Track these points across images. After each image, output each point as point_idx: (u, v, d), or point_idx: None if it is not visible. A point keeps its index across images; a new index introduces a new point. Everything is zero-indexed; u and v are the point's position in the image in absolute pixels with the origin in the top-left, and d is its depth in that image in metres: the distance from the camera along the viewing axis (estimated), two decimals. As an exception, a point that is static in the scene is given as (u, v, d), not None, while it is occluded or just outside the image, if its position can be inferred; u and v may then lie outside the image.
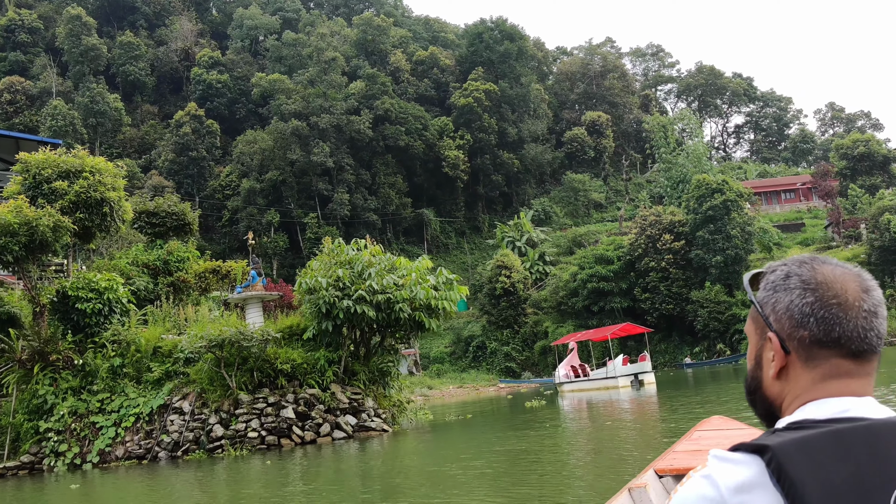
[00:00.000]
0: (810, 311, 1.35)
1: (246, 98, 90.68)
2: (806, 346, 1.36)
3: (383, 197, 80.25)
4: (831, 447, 1.22)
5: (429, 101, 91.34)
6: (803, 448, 1.23)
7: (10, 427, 20.44)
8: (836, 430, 1.24)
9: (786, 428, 1.31)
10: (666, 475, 4.02)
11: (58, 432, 20.08)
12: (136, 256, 26.86)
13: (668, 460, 4.19)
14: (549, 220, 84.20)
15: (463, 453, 15.24)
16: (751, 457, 1.26)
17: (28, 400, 20.45)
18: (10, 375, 20.95)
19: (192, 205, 78.54)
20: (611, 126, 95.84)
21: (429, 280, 20.84)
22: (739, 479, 1.24)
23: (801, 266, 1.41)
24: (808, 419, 1.31)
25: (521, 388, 51.74)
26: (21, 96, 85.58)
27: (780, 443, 1.24)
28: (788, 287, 1.39)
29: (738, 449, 1.28)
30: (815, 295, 1.35)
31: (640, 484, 3.82)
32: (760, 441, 1.26)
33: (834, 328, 1.34)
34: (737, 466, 1.26)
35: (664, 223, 57.95)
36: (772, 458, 1.22)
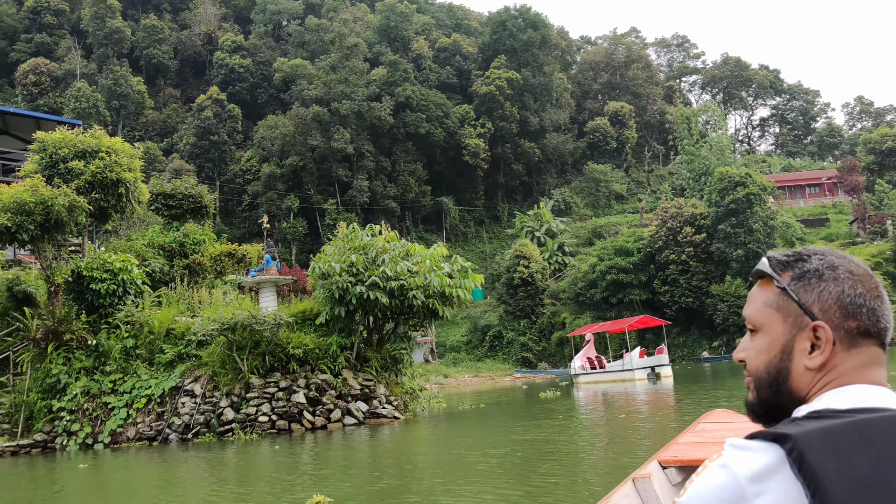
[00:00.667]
0: (863, 301, 1.35)
1: (268, 83, 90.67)
2: (852, 336, 1.35)
3: (403, 184, 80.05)
4: (854, 437, 1.20)
5: (450, 88, 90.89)
6: (826, 438, 1.20)
7: (24, 405, 20.52)
8: (859, 421, 1.23)
9: (806, 417, 1.29)
10: (670, 466, 4.02)
11: (70, 412, 20.14)
12: (152, 238, 26.86)
13: (671, 452, 4.18)
14: (569, 211, 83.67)
15: (475, 442, 15.06)
16: (770, 445, 1.23)
17: (42, 379, 20.52)
18: (25, 354, 21.02)
19: (213, 189, 79.08)
20: (634, 117, 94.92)
21: (443, 267, 20.62)
22: (757, 467, 1.22)
23: (838, 258, 1.40)
24: (829, 409, 1.29)
25: (536, 378, 51.53)
26: (46, 78, 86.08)
27: (802, 432, 1.21)
28: (838, 277, 1.37)
29: (755, 437, 1.26)
30: (864, 286, 1.36)
31: (643, 475, 3.82)
32: (780, 430, 1.24)
33: (881, 318, 1.36)
34: (755, 455, 1.23)
35: (685, 216, 57.38)
36: (793, 447, 1.20)
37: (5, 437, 20.43)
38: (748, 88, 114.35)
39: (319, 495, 7.71)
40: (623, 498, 3.60)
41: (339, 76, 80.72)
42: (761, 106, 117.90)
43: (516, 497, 8.51)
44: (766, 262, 1.46)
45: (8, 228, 19.43)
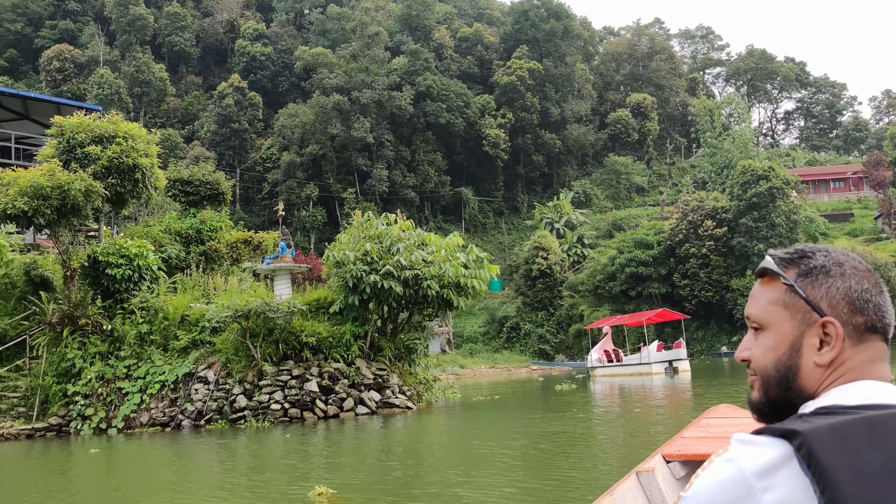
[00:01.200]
0: (869, 297, 1.36)
1: (289, 71, 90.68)
2: (860, 331, 1.36)
3: (422, 174, 79.87)
4: (864, 434, 1.20)
5: (471, 78, 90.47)
6: (836, 434, 1.20)
7: (39, 389, 20.62)
8: (869, 417, 1.22)
9: (813, 413, 1.29)
10: (673, 460, 4.04)
11: (85, 396, 20.21)
12: (168, 224, 26.88)
13: (675, 446, 4.18)
14: (589, 203, 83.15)
15: (488, 433, 14.91)
16: (777, 441, 1.23)
17: (57, 363, 20.60)
18: (41, 338, 21.12)
19: (233, 177, 79.33)
20: (656, 109, 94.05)
21: (459, 257, 20.45)
22: (765, 462, 1.21)
23: (843, 255, 1.41)
24: (837, 405, 1.29)
25: (552, 370, 51.31)
26: (69, 64, 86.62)
27: (811, 428, 1.21)
28: (844, 273, 1.38)
29: (762, 433, 1.25)
30: (870, 282, 1.38)
31: (647, 468, 3.82)
32: (788, 426, 1.24)
33: (886, 314, 1.37)
34: (762, 450, 1.23)
35: (706, 209, 56.76)
36: (803, 443, 1.19)
37: (21, 420, 20.55)
38: (773, 81, 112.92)
39: (322, 486, 7.59)
40: (627, 491, 3.59)
41: (359, 65, 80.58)
42: (786, 99, 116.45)
43: (530, 488, 8.34)
44: (770, 260, 1.45)
45: (25, 212, 19.47)
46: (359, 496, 7.62)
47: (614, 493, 3.50)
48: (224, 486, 10.21)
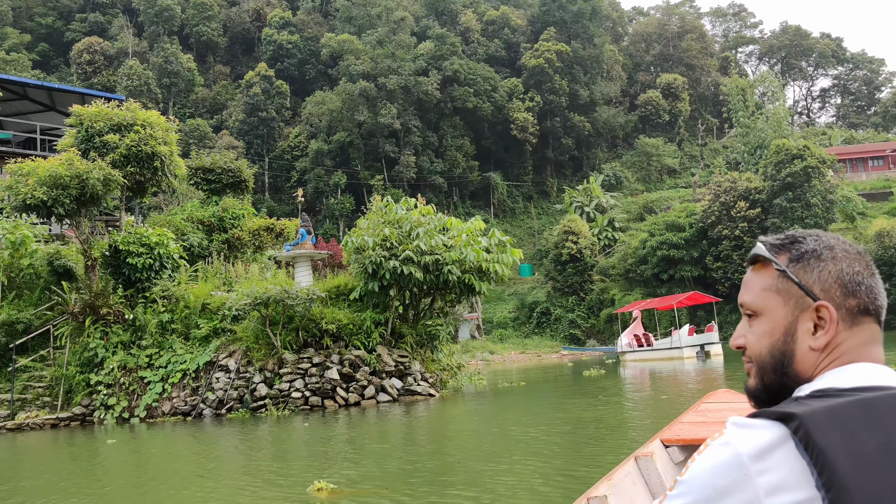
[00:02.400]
0: (861, 279, 1.37)
1: (315, 59, 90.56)
2: (853, 314, 1.37)
3: (450, 159, 79.40)
4: (861, 416, 1.21)
5: (498, 61, 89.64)
6: (832, 416, 1.21)
7: (63, 379, 20.64)
8: (865, 399, 1.24)
9: (809, 396, 1.30)
10: (672, 445, 4.07)
11: (107, 386, 20.18)
12: (191, 213, 26.78)
13: (674, 431, 4.21)
14: (619, 186, 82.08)
15: (510, 421, 14.54)
16: (773, 423, 1.24)
17: (80, 353, 20.59)
18: (64, 328, 21.13)
19: (261, 165, 79.52)
20: (687, 89, 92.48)
21: (480, 242, 20.03)
22: (761, 445, 1.22)
23: (833, 239, 1.41)
24: (833, 388, 1.30)
25: (583, 355, 50.76)
26: (99, 56, 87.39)
27: (808, 411, 1.22)
28: (836, 257, 1.39)
29: (758, 416, 1.27)
30: (861, 265, 1.38)
31: (646, 453, 3.85)
32: (784, 409, 1.25)
33: (878, 296, 1.38)
34: (758, 433, 1.24)
35: (739, 190, 55.63)
36: (799, 425, 1.21)
37: (46, 409, 20.60)
38: (808, 58, 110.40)
39: (322, 481, 7.28)
40: (625, 476, 3.62)
41: (385, 51, 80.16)
42: (822, 76, 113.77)
43: (550, 474, 7.96)
44: (762, 246, 1.45)
45: (44, 202, 19.41)
46: (359, 490, 7.29)
47: (613, 477, 3.51)
48: (248, 475, 9.96)
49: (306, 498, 7.05)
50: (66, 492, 9.37)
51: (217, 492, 8.43)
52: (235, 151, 72.92)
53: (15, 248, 22.89)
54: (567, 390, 22.71)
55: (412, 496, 7.10)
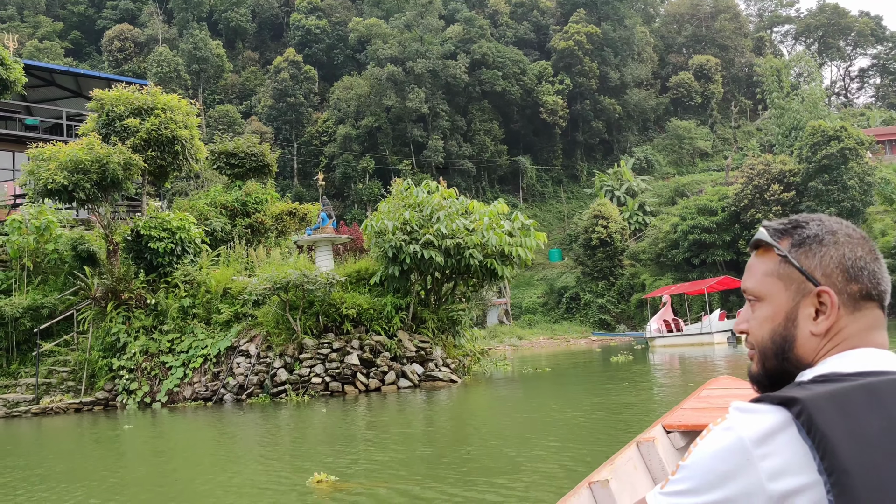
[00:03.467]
0: (863, 264, 1.36)
1: (343, 44, 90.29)
2: (855, 299, 1.36)
3: (478, 144, 78.79)
4: (863, 400, 1.21)
5: (527, 44, 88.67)
6: (835, 401, 1.21)
7: (86, 363, 20.68)
8: (868, 384, 1.24)
9: (812, 381, 1.30)
10: (673, 430, 4.10)
11: (129, 370, 20.18)
12: (214, 197, 26.68)
13: (675, 416, 4.23)
14: (650, 169, 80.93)
15: (527, 408, 14.21)
16: (775, 408, 1.24)
17: (102, 337, 20.61)
18: (87, 312, 21.16)
19: (290, 151, 79.61)
20: (720, 70, 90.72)
21: (503, 225, 19.63)
22: (763, 430, 1.22)
23: (837, 222, 1.40)
24: (836, 372, 1.30)
25: (612, 341, 50.19)
26: (130, 44, 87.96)
27: (810, 395, 1.22)
28: (838, 242, 1.37)
29: (761, 401, 1.27)
30: (864, 249, 1.37)
31: (648, 438, 3.88)
32: (787, 393, 1.25)
33: (881, 281, 1.37)
34: (760, 417, 1.24)
35: (773, 172, 54.45)
36: (802, 409, 1.21)
37: (70, 394, 20.67)
38: (846, 37, 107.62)
39: (322, 472, 7.00)
40: (627, 461, 3.64)
41: (413, 34, 79.62)
42: (861, 56, 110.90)
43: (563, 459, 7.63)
44: (764, 231, 1.44)
45: (65, 187, 19.39)
46: (359, 484, 7.00)
47: (615, 462, 3.53)
48: (266, 462, 9.76)
49: (304, 490, 6.78)
50: (81, 477, 9.23)
51: (213, 480, 8.21)
52: (264, 137, 73.10)
53: (40, 233, 22.96)
54: (592, 376, 22.31)
55: (421, 486, 6.80)
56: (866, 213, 51.81)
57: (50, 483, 8.78)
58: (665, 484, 1.33)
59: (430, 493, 6.56)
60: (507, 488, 6.62)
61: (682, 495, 1.26)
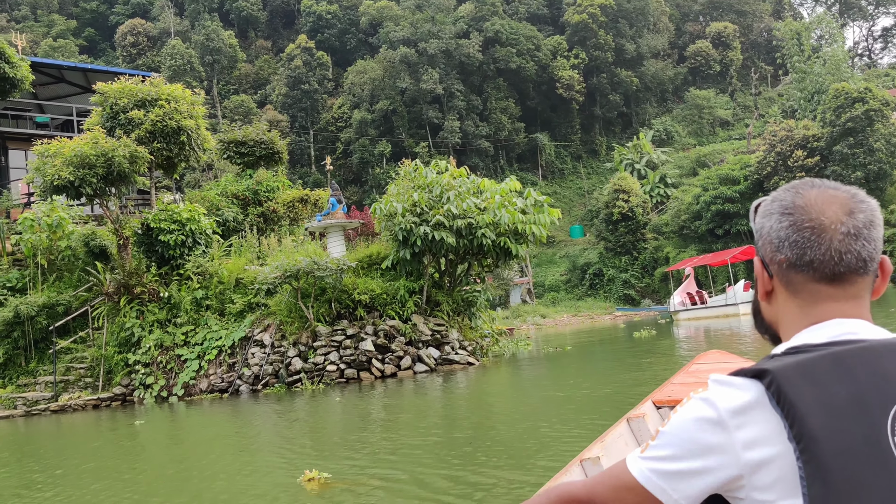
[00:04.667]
0: (785, 235, 1.39)
1: (355, 28, 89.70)
2: (784, 270, 1.40)
3: (495, 122, 78.03)
4: (831, 369, 1.25)
5: (541, 19, 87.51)
6: (803, 371, 1.25)
7: (102, 359, 20.60)
8: (836, 353, 1.27)
9: (784, 353, 1.34)
10: (663, 406, 4.16)
11: (145, 365, 20.06)
12: (225, 187, 26.44)
13: (665, 392, 4.27)
14: (670, 141, 79.76)
15: (539, 389, 13.85)
16: (750, 381, 1.29)
17: (117, 332, 20.50)
18: (101, 308, 21.06)
19: (306, 138, 79.38)
20: (738, 37, 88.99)
21: (515, 203, 19.16)
22: (739, 401, 1.27)
23: (786, 192, 1.42)
24: (806, 343, 1.34)
25: (636, 316, 49.60)
26: (143, 38, 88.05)
27: (779, 366, 1.27)
28: (771, 212, 1.42)
29: (737, 374, 1.32)
30: (791, 219, 1.38)
31: (638, 414, 3.93)
32: (759, 366, 1.30)
33: (806, 252, 1.36)
34: (736, 390, 1.29)
35: (796, 138, 53.30)
36: (772, 381, 1.25)
37: (88, 390, 20.62)
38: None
39: (314, 470, 6.67)
40: (618, 437, 3.68)
41: (425, 15, 78.86)
42: (883, 14, 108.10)
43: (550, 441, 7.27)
44: (754, 204, 1.51)
45: (71, 182, 19.21)
46: (354, 482, 6.65)
47: (605, 439, 3.56)
48: (287, 456, 9.49)
49: (294, 490, 6.45)
50: (92, 476, 9.02)
51: (201, 476, 7.94)
52: (280, 125, 72.87)
53: (52, 230, 22.88)
54: (614, 354, 21.88)
55: (433, 470, 6.46)
56: (894, 176, 50.60)
57: (79, 481, 8.58)
58: (645, 448, 1.37)
59: (441, 481, 6.22)
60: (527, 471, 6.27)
61: (661, 461, 1.32)
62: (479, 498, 5.72)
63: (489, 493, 5.82)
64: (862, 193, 1.41)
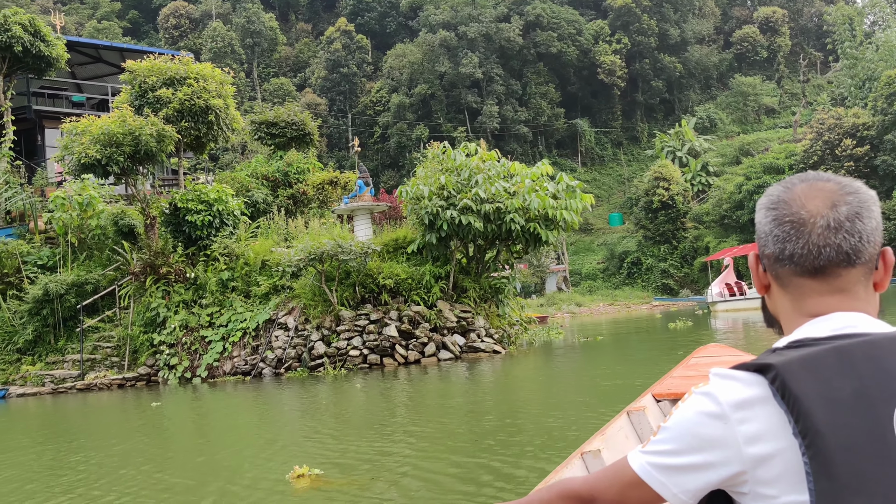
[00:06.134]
0: (769, 229, 1.39)
1: (395, 11, 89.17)
2: (772, 264, 1.40)
3: (534, 108, 77.04)
4: (835, 363, 1.23)
5: (583, 3, 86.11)
6: (807, 365, 1.24)
7: (128, 339, 20.56)
8: (839, 346, 1.25)
9: (787, 347, 1.32)
10: (663, 399, 4.14)
11: (170, 345, 19.97)
12: (255, 168, 26.24)
13: (665, 385, 4.26)
14: (713, 128, 78.03)
15: (563, 384, 13.36)
16: (753, 375, 1.27)
17: (143, 312, 20.43)
18: (127, 288, 21.01)
19: (344, 121, 79.26)
20: (787, 22, 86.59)
21: (546, 188, 18.58)
22: (741, 395, 1.26)
23: (777, 186, 1.42)
24: (809, 337, 1.32)
25: (672, 306, 48.64)
26: (185, 20, 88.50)
27: (783, 361, 1.25)
28: (760, 207, 1.43)
29: (739, 368, 1.31)
30: (774, 213, 1.38)
31: (638, 407, 3.93)
32: (762, 360, 1.28)
33: (786, 246, 1.36)
34: (738, 384, 1.28)
35: (845, 127, 51.72)
36: (776, 375, 1.24)
37: (114, 369, 20.62)
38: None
39: (304, 466, 6.28)
40: (618, 430, 3.68)
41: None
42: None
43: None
44: (759, 202, 1.50)
45: (98, 161, 19.09)
46: (348, 482, 6.24)
47: (606, 432, 3.55)
48: (313, 447, 9.18)
49: (282, 487, 6.06)
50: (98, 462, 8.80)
51: (188, 465, 7.61)
52: (318, 108, 72.82)
53: (83, 208, 22.90)
54: (648, 346, 21.25)
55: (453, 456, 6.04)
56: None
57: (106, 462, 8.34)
58: (646, 443, 1.36)
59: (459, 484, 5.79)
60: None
61: (663, 455, 1.31)
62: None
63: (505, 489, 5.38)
64: (855, 185, 1.36)
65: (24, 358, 21.61)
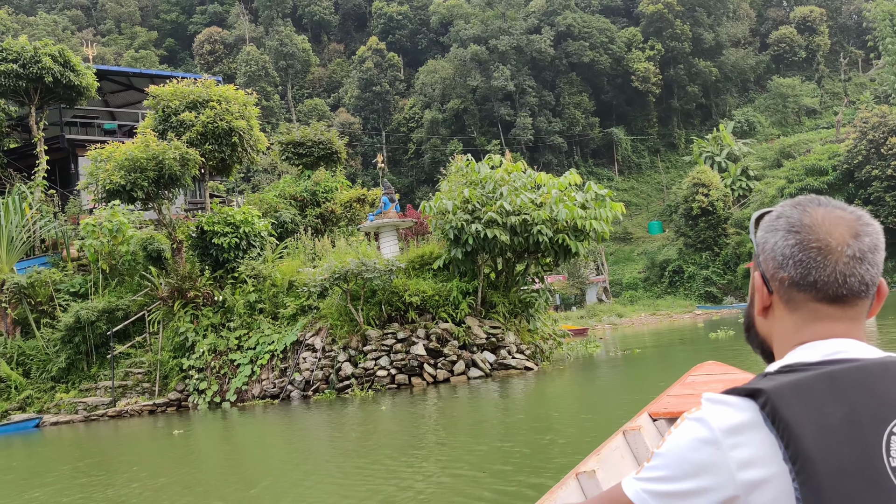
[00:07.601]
0: (790, 253, 1.35)
1: (426, 28, 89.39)
2: (786, 287, 1.37)
3: (568, 118, 76.37)
4: (826, 388, 1.23)
5: (614, 11, 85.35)
6: (798, 390, 1.24)
7: (158, 364, 20.45)
8: (830, 372, 1.26)
9: (778, 371, 1.32)
10: (660, 418, 4.07)
11: (199, 370, 19.80)
12: (283, 189, 26.13)
13: (661, 404, 4.21)
14: (752, 132, 76.48)
15: (600, 401, 12.81)
16: (744, 400, 1.27)
17: (172, 337, 20.31)
18: (156, 313, 20.93)
19: (378, 139, 79.42)
20: (825, 21, 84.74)
21: (574, 198, 18.06)
22: (733, 421, 1.25)
23: (793, 208, 1.39)
24: (800, 362, 1.32)
25: (715, 314, 47.46)
26: (219, 46, 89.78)
27: (774, 386, 1.25)
28: (776, 228, 1.39)
29: (731, 392, 1.30)
30: (797, 238, 1.35)
31: (634, 427, 3.88)
32: (753, 385, 1.28)
33: (811, 272, 1.34)
34: (730, 409, 1.27)
35: (891, 125, 50.21)
36: (766, 400, 1.23)
37: (145, 395, 20.51)
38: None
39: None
40: (614, 450, 3.64)
41: (495, 12, 77.91)
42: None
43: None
44: (752, 217, 1.49)
45: (123, 186, 19.08)
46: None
47: (601, 452, 3.53)
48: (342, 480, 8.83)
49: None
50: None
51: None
52: (352, 128, 73.11)
53: (113, 235, 22.94)
54: (686, 359, 20.51)
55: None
56: None
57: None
58: (640, 470, 1.35)
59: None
60: None
61: (656, 482, 1.30)
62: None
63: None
64: (867, 216, 1.37)
65: (58, 386, 21.62)
